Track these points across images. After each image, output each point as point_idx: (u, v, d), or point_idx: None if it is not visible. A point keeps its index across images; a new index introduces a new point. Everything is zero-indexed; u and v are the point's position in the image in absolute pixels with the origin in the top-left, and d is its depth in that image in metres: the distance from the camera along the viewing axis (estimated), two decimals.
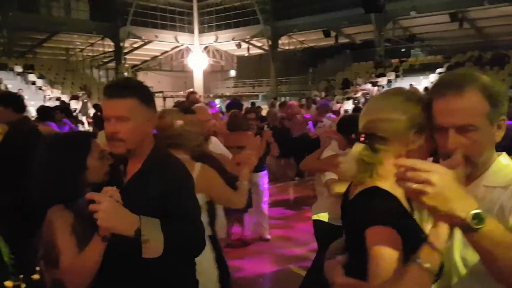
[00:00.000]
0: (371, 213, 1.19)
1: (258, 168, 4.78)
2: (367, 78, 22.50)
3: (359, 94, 20.49)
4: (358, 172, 1.26)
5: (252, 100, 19.45)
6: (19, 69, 21.51)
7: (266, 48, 27.91)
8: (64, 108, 9.74)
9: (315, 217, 3.31)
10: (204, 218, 2.37)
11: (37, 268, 1.55)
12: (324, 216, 3.22)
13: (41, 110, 7.36)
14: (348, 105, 17.57)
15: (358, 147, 1.29)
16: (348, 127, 3.00)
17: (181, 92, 26.55)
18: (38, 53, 26.34)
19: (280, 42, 27.70)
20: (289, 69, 27.74)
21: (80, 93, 18.97)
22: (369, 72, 23.26)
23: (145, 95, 1.73)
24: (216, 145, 3.76)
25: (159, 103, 13.78)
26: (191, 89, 31.31)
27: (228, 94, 31.59)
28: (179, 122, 2.51)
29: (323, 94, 21.60)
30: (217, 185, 2.59)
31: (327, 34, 24.69)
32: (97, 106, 12.00)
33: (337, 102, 18.37)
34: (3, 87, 18.50)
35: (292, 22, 25.27)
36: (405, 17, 22.15)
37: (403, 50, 26.22)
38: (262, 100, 26.01)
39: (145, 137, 1.74)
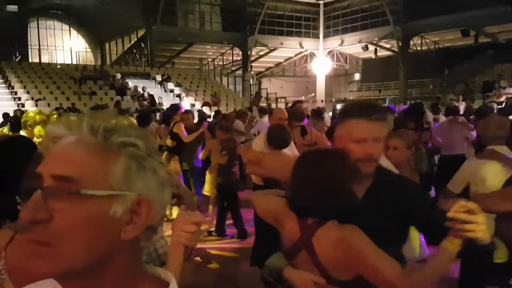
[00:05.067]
0: None
1: None
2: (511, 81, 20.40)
3: (502, 99, 18.59)
4: None
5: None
6: (159, 78, 23.52)
7: (395, 49, 26.72)
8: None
9: None
10: None
11: None
12: None
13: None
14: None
15: None
16: None
17: (303, 97, 26.66)
18: (175, 63, 28.57)
19: (411, 43, 26.35)
20: (420, 71, 26.11)
21: (211, 101, 20.11)
22: None
23: None
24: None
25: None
26: (313, 94, 31.64)
27: (351, 98, 30.91)
28: None
29: (460, 98, 19.97)
30: None
31: (465, 34, 22.80)
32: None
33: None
34: (146, 95, 20.44)
35: (425, 22, 23.89)
36: None
37: None
38: (389, 104, 24.85)
39: None
